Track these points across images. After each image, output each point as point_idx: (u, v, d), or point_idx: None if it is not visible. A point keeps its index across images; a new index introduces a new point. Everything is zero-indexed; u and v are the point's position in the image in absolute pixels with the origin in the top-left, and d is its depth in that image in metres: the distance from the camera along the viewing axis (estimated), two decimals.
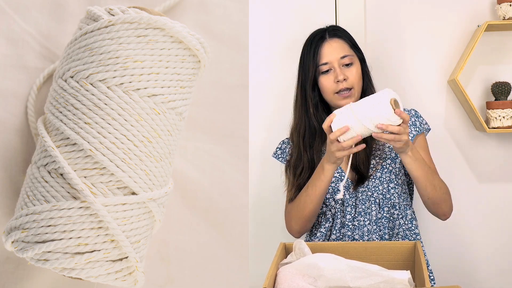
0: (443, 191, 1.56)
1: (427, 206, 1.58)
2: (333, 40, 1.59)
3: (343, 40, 1.60)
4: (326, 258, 1.23)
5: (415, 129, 1.61)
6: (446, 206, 1.58)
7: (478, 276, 1.99)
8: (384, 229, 1.59)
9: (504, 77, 1.94)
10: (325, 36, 1.60)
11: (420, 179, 1.50)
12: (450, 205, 1.60)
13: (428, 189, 1.52)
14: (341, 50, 1.58)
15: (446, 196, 1.57)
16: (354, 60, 1.59)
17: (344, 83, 1.55)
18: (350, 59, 1.58)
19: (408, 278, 1.19)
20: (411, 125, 1.60)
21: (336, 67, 1.57)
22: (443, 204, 1.57)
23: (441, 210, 1.58)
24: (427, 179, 1.51)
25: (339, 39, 1.60)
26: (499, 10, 1.86)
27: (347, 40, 1.61)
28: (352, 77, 1.57)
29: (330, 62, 1.57)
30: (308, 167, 1.60)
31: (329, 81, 1.57)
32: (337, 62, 1.57)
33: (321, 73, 1.58)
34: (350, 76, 1.56)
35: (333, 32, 1.61)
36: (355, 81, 1.57)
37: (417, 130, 1.61)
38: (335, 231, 1.61)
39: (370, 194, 1.60)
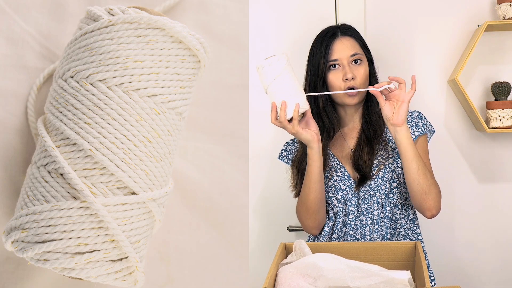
0: (433, 184, 1.53)
1: (415, 195, 1.53)
2: (344, 38, 1.60)
3: (354, 39, 1.61)
4: (326, 258, 1.23)
5: (418, 130, 1.60)
6: (433, 200, 1.53)
7: (478, 276, 2.00)
8: (387, 229, 1.59)
9: (504, 77, 1.94)
10: (337, 33, 1.61)
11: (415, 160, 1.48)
12: (437, 202, 1.54)
13: (420, 172, 1.49)
14: (352, 48, 1.58)
15: (435, 190, 1.53)
16: (363, 59, 1.59)
17: (352, 82, 1.56)
18: (360, 57, 1.58)
19: (408, 278, 1.19)
20: (414, 126, 1.60)
21: (345, 64, 1.57)
22: (431, 197, 1.52)
23: (428, 203, 1.53)
24: (419, 162, 1.49)
25: (351, 38, 1.61)
26: (499, 10, 1.86)
27: (358, 39, 1.61)
28: (360, 76, 1.57)
29: (340, 59, 1.58)
30: None
31: (337, 77, 1.57)
32: (347, 60, 1.57)
33: (330, 70, 1.58)
34: (358, 75, 1.57)
35: (345, 30, 1.62)
36: (362, 81, 1.57)
37: (420, 131, 1.60)
38: (337, 230, 1.61)
39: (372, 193, 1.60)
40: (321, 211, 1.60)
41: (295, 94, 1.43)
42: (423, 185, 1.51)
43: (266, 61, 1.43)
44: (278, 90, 1.43)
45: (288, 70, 1.43)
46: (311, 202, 1.57)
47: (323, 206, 1.61)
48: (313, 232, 1.65)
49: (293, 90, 1.43)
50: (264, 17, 1.99)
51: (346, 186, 1.62)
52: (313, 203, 1.57)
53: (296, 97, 1.43)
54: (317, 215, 1.60)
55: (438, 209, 1.55)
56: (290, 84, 1.43)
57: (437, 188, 1.54)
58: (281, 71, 1.42)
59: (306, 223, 1.62)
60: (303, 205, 1.59)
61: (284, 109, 1.43)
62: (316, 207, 1.58)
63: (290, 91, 1.43)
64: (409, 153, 1.49)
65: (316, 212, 1.59)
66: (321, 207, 1.60)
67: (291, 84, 1.43)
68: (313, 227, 1.63)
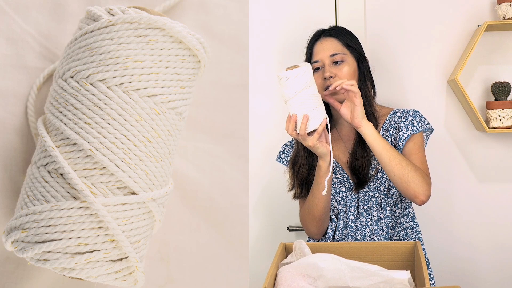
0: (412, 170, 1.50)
1: (397, 186, 1.52)
2: (325, 39, 1.61)
3: (336, 39, 1.61)
4: (326, 258, 1.23)
5: (412, 128, 1.59)
6: (416, 186, 1.49)
7: (478, 276, 1.99)
8: (387, 229, 1.59)
9: (504, 77, 1.93)
10: (320, 36, 1.62)
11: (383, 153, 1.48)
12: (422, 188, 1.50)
13: (392, 163, 1.48)
14: (332, 48, 1.59)
15: (417, 176, 1.49)
16: (345, 58, 1.59)
17: (331, 80, 1.55)
18: (341, 57, 1.58)
19: (408, 278, 1.19)
20: (408, 125, 1.59)
21: (326, 64, 1.57)
22: (412, 184, 1.49)
23: (411, 190, 1.50)
24: (390, 154, 1.48)
25: (332, 38, 1.61)
26: (499, 10, 1.86)
27: (341, 39, 1.61)
28: (341, 75, 1.56)
29: (321, 60, 1.58)
30: (306, 163, 1.60)
31: (318, 78, 1.57)
32: (327, 60, 1.58)
33: (315, 72, 1.58)
34: (339, 73, 1.56)
35: (328, 32, 1.63)
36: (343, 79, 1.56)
37: (414, 130, 1.58)
38: (338, 232, 1.61)
39: (371, 194, 1.60)
40: (326, 218, 1.62)
41: (317, 107, 1.43)
42: (400, 174, 1.49)
43: (291, 72, 1.41)
44: (302, 103, 1.42)
45: (312, 82, 1.43)
46: (319, 212, 1.58)
47: (329, 213, 1.62)
48: (316, 237, 1.65)
49: (316, 103, 1.43)
50: (264, 17, 1.99)
51: (345, 188, 1.62)
52: (321, 212, 1.58)
53: (318, 111, 1.43)
54: (323, 223, 1.62)
55: (426, 195, 1.51)
56: (314, 97, 1.43)
57: (420, 175, 1.50)
58: (306, 84, 1.41)
59: (311, 230, 1.63)
60: (310, 214, 1.60)
61: (306, 122, 1.43)
62: (323, 216, 1.59)
63: (313, 105, 1.42)
64: (376, 147, 1.49)
65: (322, 220, 1.61)
66: (327, 215, 1.61)
67: (314, 97, 1.43)
68: (317, 233, 1.64)
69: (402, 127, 1.58)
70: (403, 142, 1.56)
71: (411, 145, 1.57)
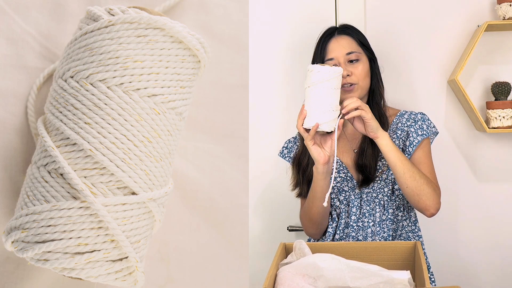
0: (425, 183, 1.50)
1: (408, 197, 1.52)
2: (340, 37, 1.60)
3: (351, 37, 1.61)
4: (326, 258, 1.23)
5: (422, 132, 1.58)
6: (427, 199, 1.50)
7: (478, 276, 1.99)
8: (389, 231, 1.58)
9: (504, 77, 1.93)
10: (334, 33, 1.61)
11: (398, 164, 1.48)
12: (433, 201, 1.51)
13: (406, 175, 1.48)
14: (348, 46, 1.59)
15: (428, 190, 1.50)
16: (360, 57, 1.59)
17: (348, 78, 1.55)
18: (357, 55, 1.58)
19: (408, 278, 1.19)
20: (418, 129, 1.59)
21: (341, 62, 1.57)
22: (424, 197, 1.50)
23: (422, 203, 1.50)
24: (404, 165, 1.48)
25: (347, 36, 1.61)
26: (499, 10, 1.86)
27: (355, 37, 1.61)
28: (358, 73, 1.57)
29: (336, 57, 1.58)
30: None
31: None
32: (343, 58, 1.57)
33: None
34: (355, 72, 1.56)
35: (342, 30, 1.62)
36: (360, 78, 1.57)
37: (424, 134, 1.58)
38: (339, 231, 1.61)
39: (375, 195, 1.60)
40: (324, 221, 1.61)
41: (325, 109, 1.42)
42: (413, 187, 1.49)
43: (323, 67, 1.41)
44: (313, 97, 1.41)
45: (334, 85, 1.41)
46: (314, 215, 1.57)
47: (327, 217, 1.61)
48: (315, 237, 1.65)
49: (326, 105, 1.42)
50: (264, 17, 1.99)
51: (348, 187, 1.62)
52: (317, 216, 1.58)
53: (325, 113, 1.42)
54: (319, 225, 1.61)
55: (436, 208, 1.53)
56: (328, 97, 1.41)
57: (431, 187, 1.51)
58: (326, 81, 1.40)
59: (309, 230, 1.64)
60: (306, 216, 1.60)
61: (302, 118, 1.42)
62: (319, 219, 1.59)
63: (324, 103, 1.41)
64: (391, 158, 1.48)
65: (319, 223, 1.60)
66: (324, 218, 1.60)
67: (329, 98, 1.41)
68: (315, 234, 1.64)
69: (413, 132, 1.57)
70: (413, 147, 1.56)
71: (420, 153, 1.57)
